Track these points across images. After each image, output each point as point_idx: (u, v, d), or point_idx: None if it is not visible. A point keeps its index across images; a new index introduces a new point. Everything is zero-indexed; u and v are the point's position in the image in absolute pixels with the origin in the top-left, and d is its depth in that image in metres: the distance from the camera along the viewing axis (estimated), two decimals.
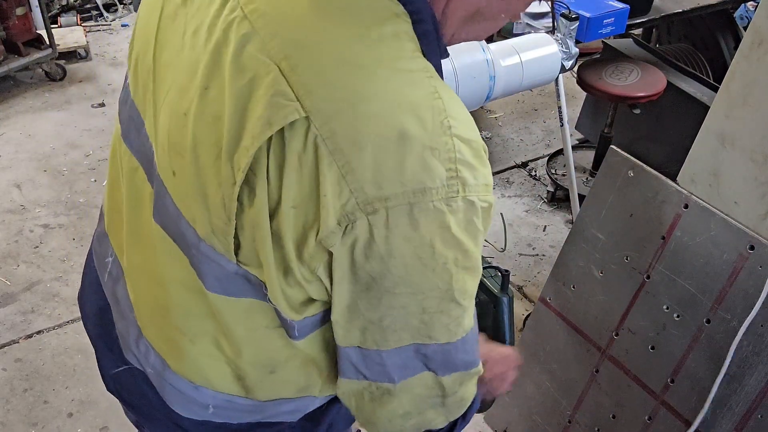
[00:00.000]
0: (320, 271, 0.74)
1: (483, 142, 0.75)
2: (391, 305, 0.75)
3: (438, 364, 0.82)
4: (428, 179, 0.68)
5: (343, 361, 0.82)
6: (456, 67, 1.74)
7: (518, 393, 2.05)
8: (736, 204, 1.52)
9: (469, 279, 0.76)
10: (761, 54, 1.43)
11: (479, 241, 0.75)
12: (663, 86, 2.67)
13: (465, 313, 0.79)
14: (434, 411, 0.88)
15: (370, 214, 0.68)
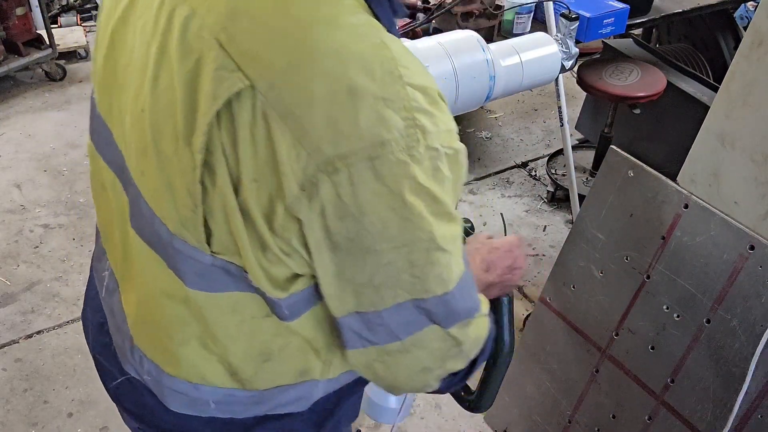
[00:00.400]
0: (295, 243, 0.73)
1: (438, 88, 0.76)
2: (377, 263, 0.75)
3: (441, 317, 0.81)
4: (385, 131, 0.67)
5: (345, 331, 0.82)
6: (456, 67, 1.74)
7: (518, 393, 2.05)
8: (736, 204, 1.52)
9: (448, 225, 0.76)
10: (761, 54, 1.43)
11: (447, 187, 0.74)
12: (663, 86, 2.67)
13: (452, 258, 0.78)
14: (454, 360, 0.89)
15: (332, 174, 0.67)
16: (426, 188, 0.72)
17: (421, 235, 0.74)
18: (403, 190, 0.70)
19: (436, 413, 2.27)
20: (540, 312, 1.96)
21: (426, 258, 0.76)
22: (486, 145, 3.67)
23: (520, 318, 2.52)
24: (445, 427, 2.23)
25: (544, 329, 1.95)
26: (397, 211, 0.71)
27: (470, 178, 3.40)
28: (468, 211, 3.15)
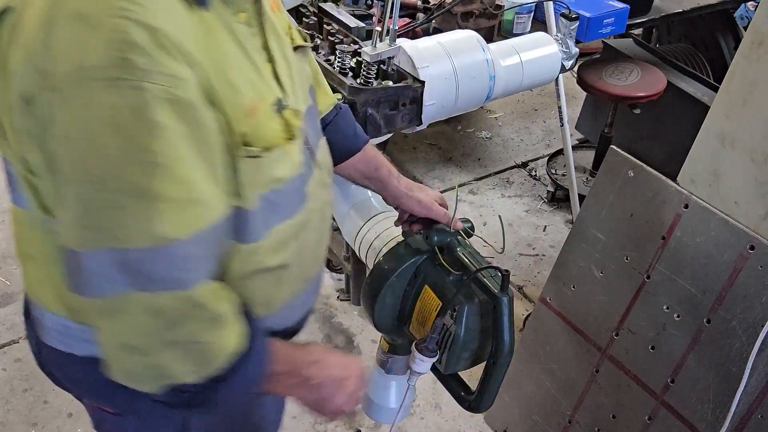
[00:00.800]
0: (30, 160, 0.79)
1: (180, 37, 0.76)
2: (78, 197, 0.75)
3: (140, 277, 0.78)
4: (94, 58, 0.71)
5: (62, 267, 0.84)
6: (456, 67, 1.74)
7: (518, 393, 2.05)
8: (736, 204, 1.52)
9: (153, 176, 0.75)
10: (761, 54, 1.43)
11: (158, 134, 0.73)
12: (663, 86, 2.67)
13: (160, 216, 0.76)
14: (169, 353, 0.84)
15: (47, 91, 0.73)
16: (130, 128, 0.72)
17: (118, 174, 0.74)
18: (105, 123, 0.72)
19: (436, 413, 2.27)
20: (540, 312, 1.96)
21: (122, 201, 0.75)
22: (486, 145, 3.67)
23: (520, 318, 2.52)
24: (445, 427, 2.23)
25: (544, 329, 1.95)
26: (95, 144, 0.73)
27: (470, 178, 3.41)
28: (468, 211, 3.15)
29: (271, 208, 0.92)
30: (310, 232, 1.03)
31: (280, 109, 0.91)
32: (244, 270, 0.94)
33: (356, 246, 1.58)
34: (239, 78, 0.84)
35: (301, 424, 2.23)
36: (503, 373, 1.18)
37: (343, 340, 2.52)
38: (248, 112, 0.85)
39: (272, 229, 0.94)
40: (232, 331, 0.89)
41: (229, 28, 0.85)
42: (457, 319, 1.17)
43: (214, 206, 0.83)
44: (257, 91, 0.88)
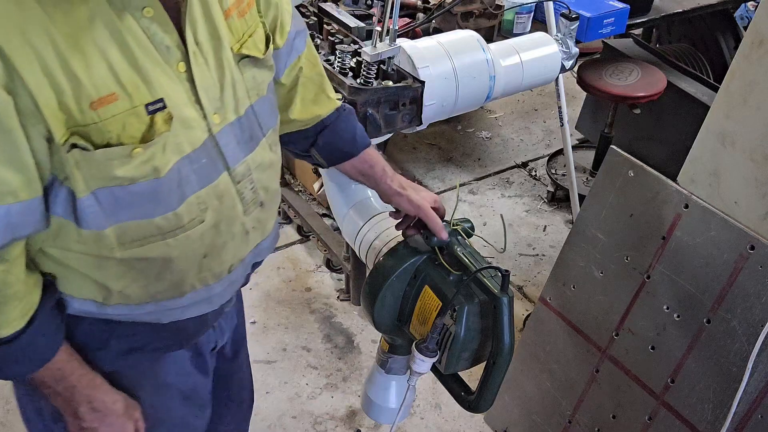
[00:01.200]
0: None
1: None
2: None
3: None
4: None
5: None
6: (456, 67, 1.74)
7: (518, 393, 2.05)
8: (736, 204, 1.51)
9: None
10: (761, 54, 1.43)
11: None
12: (663, 86, 2.67)
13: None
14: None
15: None
16: None
17: None
18: None
19: (436, 413, 2.27)
20: (540, 312, 1.96)
21: None
22: (486, 145, 3.67)
23: (520, 318, 2.52)
24: (445, 427, 2.23)
25: (544, 329, 1.95)
26: None
27: (470, 178, 3.41)
28: (468, 211, 3.15)
29: (115, 203, 0.94)
30: (182, 241, 1.02)
31: (153, 111, 0.92)
32: (90, 252, 0.98)
33: (356, 246, 1.58)
34: (94, 69, 0.86)
35: (301, 423, 2.23)
36: (503, 373, 1.18)
37: (343, 340, 2.52)
38: (92, 104, 0.87)
39: (120, 224, 0.96)
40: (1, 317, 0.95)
41: (107, 20, 0.87)
42: (457, 319, 1.17)
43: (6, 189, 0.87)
44: (122, 85, 0.89)
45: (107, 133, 0.89)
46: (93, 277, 1.01)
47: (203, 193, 1.02)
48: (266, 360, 2.44)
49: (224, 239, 1.08)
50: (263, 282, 2.75)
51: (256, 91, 1.08)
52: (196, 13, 0.96)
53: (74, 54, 0.85)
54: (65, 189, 0.92)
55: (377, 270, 1.30)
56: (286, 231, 3.01)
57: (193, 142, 0.98)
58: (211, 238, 1.06)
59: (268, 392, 2.32)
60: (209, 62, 0.98)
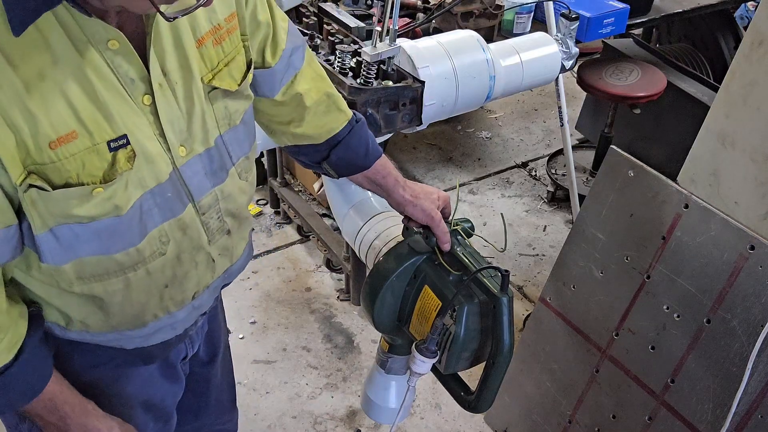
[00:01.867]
0: None
1: None
2: None
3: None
4: None
5: None
6: (456, 67, 1.74)
7: (518, 393, 2.05)
8: (736, 204, 1.51)
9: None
10: (761, 54, 1.43)
11: None
12: (663, 86, 2.67)
13: None
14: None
15: None
16: None
17: None
18: None
19: (436, 413, 2.27)
20: (540, 312, 1.96)
21: None
22: (486, 145, 3.67)
23: (520, 318, 2.52)
24: (445, 427, 2.23)
25: (544, 329, 1.95)
26: None
27: (470, 178, 3.40)
28: (468, 211, 3.15)
29: (75, 240, 0.92)
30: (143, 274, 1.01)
31: (116, 148, 0.89)
32: (50, 283, 0.97)
33: (356, 246, 1.58)
34: (52, 107, 0.83)
35: (300, 423, 2.23)
36: (503, 373, 1.18)
37: (343, 340, 2.52)
38: (51, 143, 0.84)
39: (79, 260, 0.94)
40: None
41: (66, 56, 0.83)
42: (457, 319, 1.17)
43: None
44: (82, 122, 0.85)
45: (66, 172, 0.86)
46: (54, 304, 1.01)
47: (166, 226, 0.99)
48: (266, 360, 2.44)
49: (186, 269, 1.06)
50: (263, 282, 2.75)
51: (227, 121, 1.05)
52: (165, 42, 0.93)
53: (31, 92, 0.82)
54: (26, 222, 0.89)
55: (377, 270, 1.30)
56: (286, 231, 3.02)
57: (158, 176, 0.95)
58: (171, 269, 1.04)
59: (268, 392, 2.32)
60: (177, 93, 0.95)
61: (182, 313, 1.12)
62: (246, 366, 2.40)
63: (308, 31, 1.83)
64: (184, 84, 0.96)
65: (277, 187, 2.95)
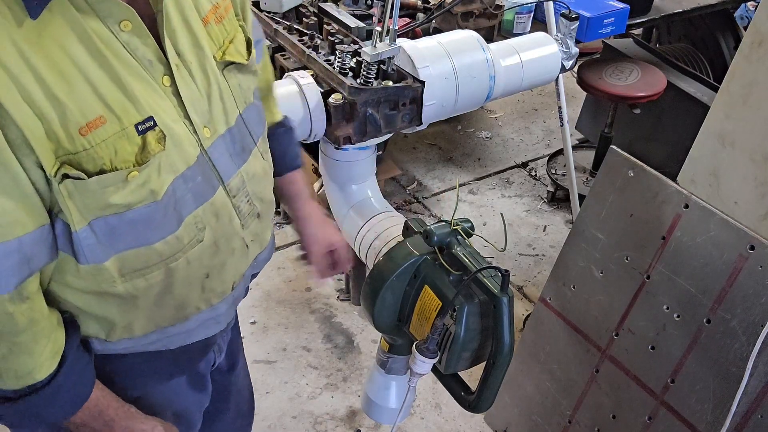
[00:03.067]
0: None
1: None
2: None
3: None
4: None
5: None
6: (456, 67, 1.74)
7: (518, 393, 2.05)
8: (736, 204, 1.52)
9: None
10: (761, 54, 1.43)
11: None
12: (663, 86, 2.67)
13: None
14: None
15: None
16: None
17: None
18: None
19: (436, 413, 2.27)
20: (540, 312, 1.96)
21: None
22: (486, 145, 3.67)
23: (520, 318, 2.52)
24: (445, 427, 2.23)
25: (544, 329, 1.95)
26: None
27: (470, 178, 3.40)
28: (468, 211, 3.15)
29: (111, 233, 0.90)
30: (184, 263, 0.99)
31: (144, 131, 0.87)
32: (90, 288, 0.94)
33: (356, 246, 1.58)
34: (78, 92, 0.81)
35: (301, 423, 2.23)
36: (503, 373, 1.18)
37: (343, 340, 2.52)
38: (81, 129, 0.82)
39: (118, 255, 0.92)
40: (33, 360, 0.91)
41: (84, 38, 0.82)
42: (457, 319, 1.17)
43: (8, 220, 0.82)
44: (108, 106, 0.84)
45: (99, 159, 0.84)
46: (94, 313, 0.97)
47: (200, 211, 0.98)
48: (266, 360, 2.44)
49: (224, 257, 1.05)
50: (263, 282, 2.75)
51: (243, 98, 1.05)
52: (175, 22, 0.91)
53: (54, 77, 0.80)
54: (61, 222, 0.88)
55: (377, 270, 1.30)
56: (286, 231, 3.01)
57: (187, 159, 0.93)
58: (210, 257, 1.02)
59: (268, 392, 2.32)
60: (194, 73, 0.94)
61: (224, 305, 1.11)
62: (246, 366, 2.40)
63: (308, 31, 1.83)
64: (199, 63, 0.95)
65: None
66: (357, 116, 1.55)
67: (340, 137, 1.54)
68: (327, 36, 1.84)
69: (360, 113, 1.58)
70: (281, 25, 1.90)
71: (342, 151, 1.65)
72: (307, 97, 1.50)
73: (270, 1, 2.01)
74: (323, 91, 1.58)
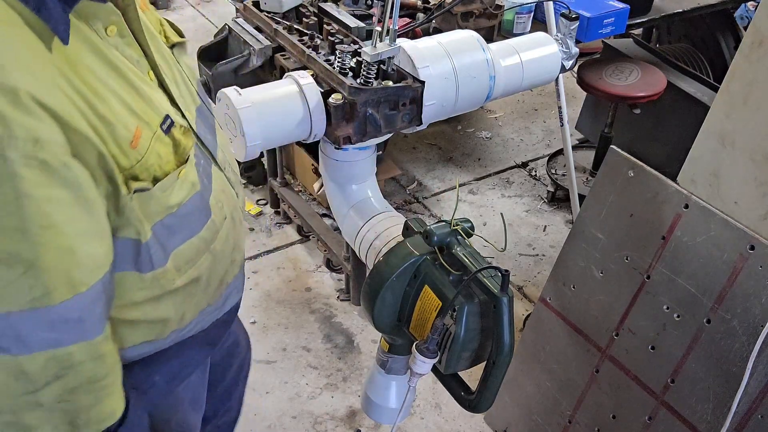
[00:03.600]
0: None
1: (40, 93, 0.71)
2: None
3: (8, 340, 0.76)
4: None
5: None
6: (456, 67, 1.73)
7: (518, 393, 2.05)
8: (736, 204, 1.51)
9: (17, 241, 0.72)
10: (761, 54, 1.43)
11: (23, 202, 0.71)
12: (663, 86, 2.67)
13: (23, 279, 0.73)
14: (33, 415, 0.81)
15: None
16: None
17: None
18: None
19: (436, 413, 2.27)
20: (540, 312, 1.96)
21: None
22: (486, 145, 3.67)
23: (520, 318, 2.52)
24: (445, 427, 2.23)
25: (544, 329, 1.95)
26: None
27: (470, 178, 3.40)
28: (468, 211, 3.15)
29: (168, 233, 0.91)
30: (220, 242, 1.02)
31: (168, 129, 0.88)
32: (151, 295, 0.94)
33: (356, 246, 1.58)
34: (114, 107, 0.80)
35: (301, 423, 2.23)
36: (503, 373, 1.18)
37: (343, 340, 2.52)
38: (131, 143, 0.82)
39: (174, 252, 0.93)
40: (114, 401, 0.89)
41: (96, 51, 0.81)
42: (457, 319, 1.17)
43: (98, 263, 0.81)
44: (138, 115, 0.84)
45: (151, 168, 0.85)
46: (149, 319, 0.96)
47: (214, 191, 1.01)
48: (266, 360, 2.44)
49: (238, 229, 1.10)
50: (263, 282, 2.75)
51: (193, 76, 1.07)
52: (141, 15, 0.91)
53: (94, 97, 0.78)
54: (122, 241, 0.86)
55: (377, 270, 1.30)
56: (286, 231, 3.01)
57: (191, 145, 0.95)
58: (232, 230, 1.07)
59: (268, 392, 2.32)
60: (161, 62, 0.94)
61: (241, 273, 1.15)
62: None
63: (308, 31, 1.83)
64: (160, 51, 0.96)
65: (277, 187, 2.95)
66: (357, 116, 1.54)
67: (340, 137, 1.54)
68: (327, 36, 1.84)
69: (360, 113, 1.57)
70: (281, 25, 1.90)
71: (342, 151, 1.65)
72: (307, 97, 1.50)
73: (270, 1, 2.01)
74: (323, 91, 1.58)
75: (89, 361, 0.82)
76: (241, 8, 2.14)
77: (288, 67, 1.76)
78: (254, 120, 1.31)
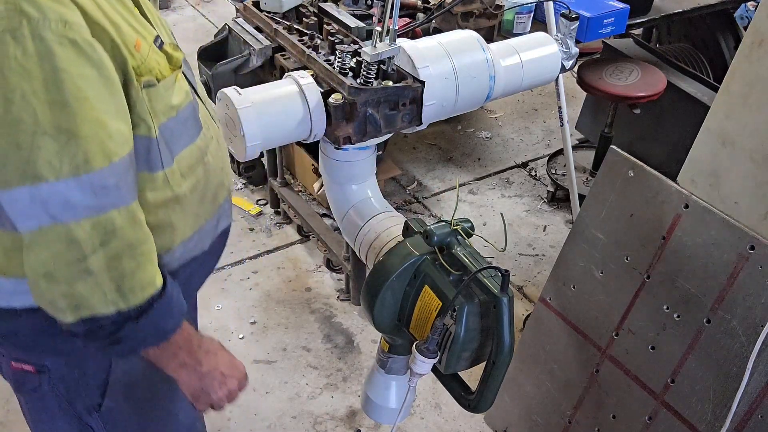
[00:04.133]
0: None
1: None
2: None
3: (58, 208, 0.85)
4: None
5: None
6: (456, 67, 1.73)
7: (518, 393, 2.05)
8: (736, 204, 1.52)
9: (59, 113, 0.82)
10: (761, 54, 1.43)
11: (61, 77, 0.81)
12: (663, 86, 2.67)
13: (66, 148, 0.83)
14: (84, 283, 0.89)
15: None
16: (30, 71, 0.79)
17: (25, 117, 0.80)
18: (4, 68, 0.79)
19: (436, 413, 2.27)
20: (540, 312, 1.96)
21: (31, 141, 0.81)
22: (486, 145, 3.67)
23: (520, 318, 2.52)
24: (445, 427, 2.23)
25: (544, 329, 1.95)
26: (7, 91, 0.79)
27: (470, 178, 3.40)
28: (468, 211, 3.15)
29: (171, 135, 1.00)
30: (211, 156, 1.12)
31: (161, 45, 0.98)
32: (159, 199, 1.01)
33: (356, 246, 1.58)
34: (117, 17, 0.91)
35: (301, 423, 2.23)
36: (503, 373, 1.18)
37: (343, 340, 2.52)
38: (134, 47, 0.91)
39: (178, 156, 1.02)
40: (154, 268, 0.96)
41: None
42: (457, 319, 1.17)
43: (125, 138, 0.90)
44: (135, 29, 0.94)
45: (153, 69, 0.94)
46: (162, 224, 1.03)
47: (202, 111, 1.10)
48: (266, 360, 2.44)
49: (223, 152, 1.18)
50: (263, 282, 2.75)
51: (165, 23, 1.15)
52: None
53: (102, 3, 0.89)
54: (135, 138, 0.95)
55: (377, 270, 1.30)
56: (286, 231, 3.01)
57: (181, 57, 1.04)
58: (218, 150, 1.14)
59: (267, 392, 2.32)
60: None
61: (227, 201, 1.21)
62: (246, 366, 2.39)
63: (308, 31, 1.84)
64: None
65: (277, 187, 2.95)
66: (357, 116, 1.55)
67: (340, 137, 1.54)
68: (327, 36, 1.84)
69: (360, 113, 1.57)
70: (281, 25, 1.90)
71: (342, 151, 1.65)
72: (307, 97, 1.50)
73: (270, 1, 2.01)
74: (323, 91, 1.58)
75: (128, 227, 0.91)
76: (241, 8, 2.14)
77: (288, 67, 1.76)
78: (254, 120, 1.31)
